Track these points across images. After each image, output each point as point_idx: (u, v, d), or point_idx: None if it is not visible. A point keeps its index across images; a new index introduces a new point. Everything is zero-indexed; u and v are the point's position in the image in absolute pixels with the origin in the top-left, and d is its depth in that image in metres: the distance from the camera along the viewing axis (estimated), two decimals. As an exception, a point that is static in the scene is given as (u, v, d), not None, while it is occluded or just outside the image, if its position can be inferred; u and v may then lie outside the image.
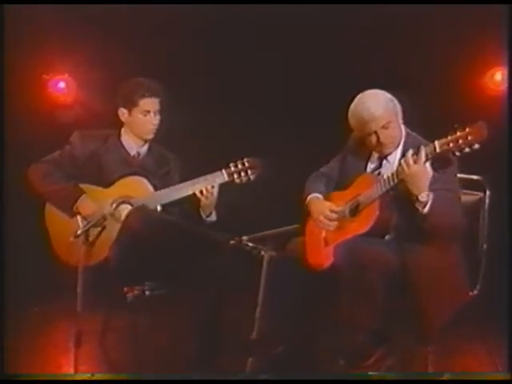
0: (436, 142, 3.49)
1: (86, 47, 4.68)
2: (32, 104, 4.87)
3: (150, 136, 4.01)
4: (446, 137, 3.44)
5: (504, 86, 3.87)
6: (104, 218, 3.81)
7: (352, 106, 3.72)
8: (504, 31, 3.74)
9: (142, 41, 4.67)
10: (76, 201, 3.87)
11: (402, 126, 3.77)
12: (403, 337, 3.72)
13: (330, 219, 3.75)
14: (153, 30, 4.67)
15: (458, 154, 3.43)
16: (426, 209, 3.53)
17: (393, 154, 3.75)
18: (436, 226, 3.56)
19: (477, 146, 3.39)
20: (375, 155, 3.81)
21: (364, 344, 3.61)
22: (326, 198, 3.86)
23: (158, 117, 3.99)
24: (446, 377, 3.59)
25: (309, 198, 3.87)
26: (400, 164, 3.55)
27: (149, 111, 3.95)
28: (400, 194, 3.63)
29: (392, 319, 3.67)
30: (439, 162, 3.57)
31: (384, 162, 3.78)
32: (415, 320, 3.63)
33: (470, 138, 3.38)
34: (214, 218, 3.93)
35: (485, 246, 3.84)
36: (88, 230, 3.62)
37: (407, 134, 3.77)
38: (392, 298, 3.60)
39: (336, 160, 4.00)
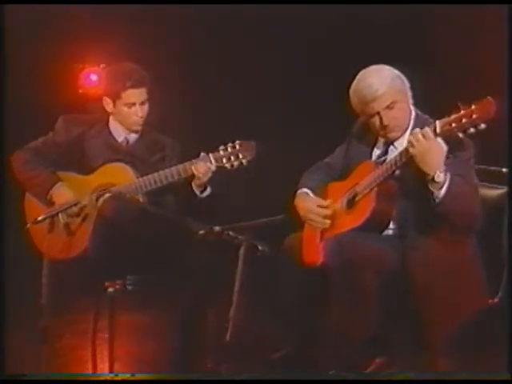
0: (437, 122, 3.04)
1: (117, 39, 4.49)
2: (63, 96, 4.70)
3: (137, 127, 3.70)
4: (449, 116, 3.00)
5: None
6: (81, 207, 3.56)
7: (353, 83, 3.29)
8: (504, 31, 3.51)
9: (168, 33, 4.41)
10: (51, 188, 3.61)
11: (412, 107, 3.32)
12: (406, 345, 3.27)
13: (321, 216, 3.34)
14: (178, 23, 4.41)
15: (461, 135, 2.98)
16: (443, 190, 3.05)
17: (400, 139, 3.29)
18: (453, 213, 3.09)
19: (483, 125, 2.93)
20: (381, 140, 3.37)
21: (358, 353, 3.20)
22: (323, 190, 3.45)
23: (145, 107, 3.66)
24: (445, 377, 3.14)
25: (297, 194, 3.46)
26: (408, 142, 3.10)
27: (134, 103, 3.63)
28: (404, 180, 3.19)
29: (392, 326, 3.24)
30: (448, 145, 3.12)
31: (391, 147, 3.33)
32: (419, 327, 3.18)
33: (474, 116, 2.92)
34: (208, 191, 3.57)
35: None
36: (53, 217, 3.36)
37: (417, 116, 3.30)
38: (392, 302, 3.18)
39: (341, 148, 3.58)
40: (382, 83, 3.20)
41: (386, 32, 4.13)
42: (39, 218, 3.34)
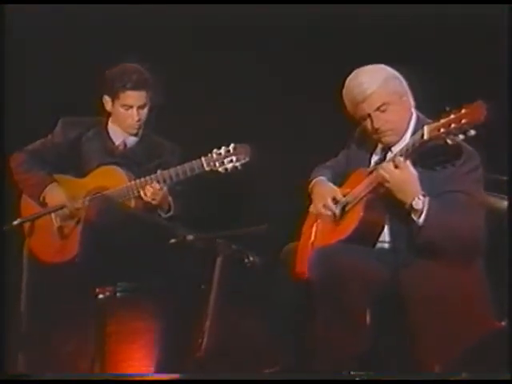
0: (425, 127, 2.79)
1: (150, 43, 4.35)
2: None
3: (133, 131, 3.59)
4: (438, 120, 2.75)
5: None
6: (72, 211, 3.48)
7: (346, 81, 3.06)
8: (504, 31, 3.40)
9: (169, 33, 4.27)
10: (44, 189, 3.55)
11: (413, 110, 3.06)
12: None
13: (329, 209, 3.11)
14: (178, 24, 4.27)
15: (449, 142, 2.72)
16: (422, 217, 2.83)
17: (398, 144, 3.03)
18: (435, 242, 2.85)
19: (472, 132, 2.67)
20: (379, 145, 3.14)
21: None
22: None
23: (143, 111, 3.55)
24: (445, 377, 2.90)
25: (314, 180, 3.25)
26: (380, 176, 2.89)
27: (131, 106, 3.53)
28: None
29: (385, 347, 3.00)
30: (447, 154, 2.87)
31: (388, 153, 3.08)
32: (414, 350, 2.92)
33: (463, 121, 2.66)
34: (171, 213, 3.48)
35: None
36: (33, 221, 3.27)
37: (418, 120, 3.03)
38: (384, 322, 2.95)
39: (343, 153, 3.37)
40: (372, 82, 2.96)
41: (387, 32, 3.92)
42: (15, 222, 3.26)
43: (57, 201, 3.51)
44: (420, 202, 2.82)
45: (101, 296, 3.41)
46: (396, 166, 2.83)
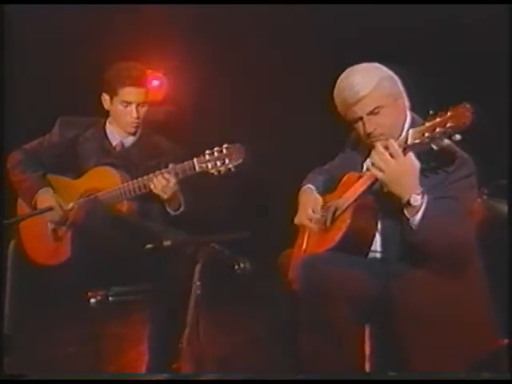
0: (410, 131, 2.63)
1: (149, 42, 4.29)
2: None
3: (131, 130, 3.51)
4: (423, 124, 2.59)
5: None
6: (63, 214, 3.42)
7: (337, 82, 2.89)
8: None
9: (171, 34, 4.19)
10: (36, 193, 3.49)
11: (408, 112, 2.89)
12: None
13: (311, 219, 2.98)
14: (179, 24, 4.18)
15: (435, 147, 2.56)
16: (419, 216, 2.63)
17: None
18: (432, 243, 2.65)
19: (458, 136, 2.50)
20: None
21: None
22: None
23: (142, 109, 3.47)
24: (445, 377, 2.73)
25: (301, 190, 3.13)
26: (372, 164, 2.68)
27: (130, 103, 3.44)
28: (390, 196, 2.75)
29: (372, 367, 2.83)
30: (439, 160, 2.71)
31: None
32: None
33: (448, 125, 2.49)
34: (182, 209, 3.38)
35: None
36: (18, 223, 3.24)
37: (412, 123, 2.84)
38: (376, 339, 2.80)
39: (339, 156, 3.23)
40: (366, 84, 2.78)
41: (386, 32, 3.77)
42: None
43: (47, 204, 3.41)
44: (418, 198, 2.62)
45: (93, 300, 3.39)
46: (391, 155, 2.62)
